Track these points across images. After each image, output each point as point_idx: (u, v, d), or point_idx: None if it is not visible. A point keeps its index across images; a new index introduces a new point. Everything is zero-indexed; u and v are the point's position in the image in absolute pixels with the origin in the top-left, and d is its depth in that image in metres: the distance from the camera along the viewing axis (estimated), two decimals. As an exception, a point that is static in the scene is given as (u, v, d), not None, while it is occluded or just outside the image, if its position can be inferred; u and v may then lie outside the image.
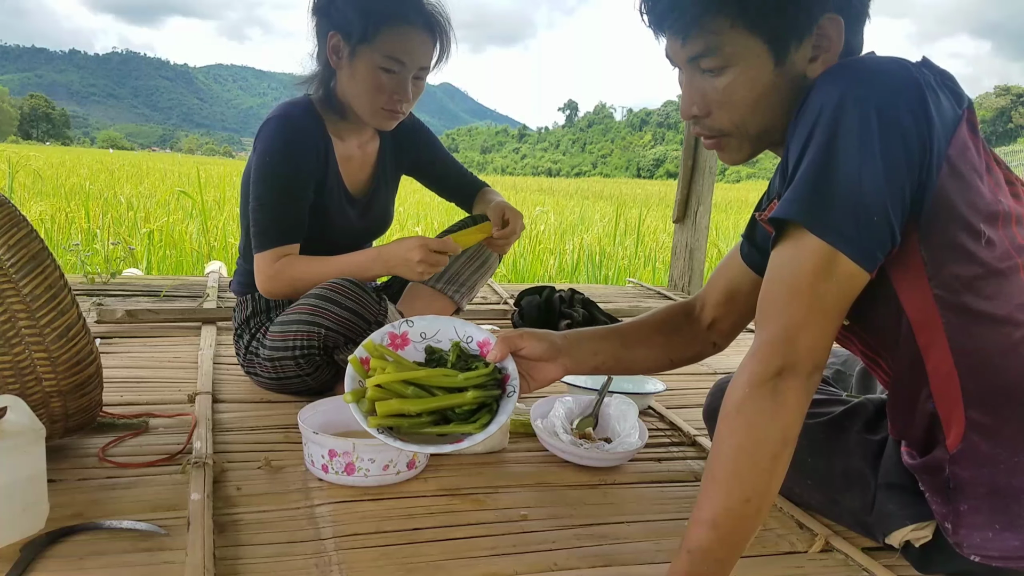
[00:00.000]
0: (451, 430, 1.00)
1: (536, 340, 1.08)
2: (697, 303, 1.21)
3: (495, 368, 1.05)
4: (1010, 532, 0.87)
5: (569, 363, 1.10)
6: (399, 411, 0.97)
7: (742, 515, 0.79)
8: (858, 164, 0.77)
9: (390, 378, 0.98)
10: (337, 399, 1.35)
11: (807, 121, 0.81)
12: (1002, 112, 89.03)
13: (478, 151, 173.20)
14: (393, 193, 1.82)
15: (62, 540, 0.97)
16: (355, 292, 1.44)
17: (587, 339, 1.13)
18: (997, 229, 0.84)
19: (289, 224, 1.55)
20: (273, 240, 1.54)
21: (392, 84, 1.52)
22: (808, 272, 0.78)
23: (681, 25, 0.89)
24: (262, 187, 1.53)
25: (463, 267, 1.81)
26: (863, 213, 0.77)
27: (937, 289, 0.83)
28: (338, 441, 1.16)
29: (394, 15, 1.48)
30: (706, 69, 0.90)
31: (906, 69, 0.81)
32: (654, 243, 7.19)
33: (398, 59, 1.50)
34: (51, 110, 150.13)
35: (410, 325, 1.11)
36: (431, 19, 1.52)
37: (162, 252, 4.96)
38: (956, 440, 0.87)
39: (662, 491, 1.27)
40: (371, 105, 1.54)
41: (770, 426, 0.79)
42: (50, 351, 1.10)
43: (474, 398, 1.00)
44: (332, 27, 1.50)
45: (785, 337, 0.79)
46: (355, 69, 1.51)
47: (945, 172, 0.80)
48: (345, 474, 1.17)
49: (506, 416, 1.00)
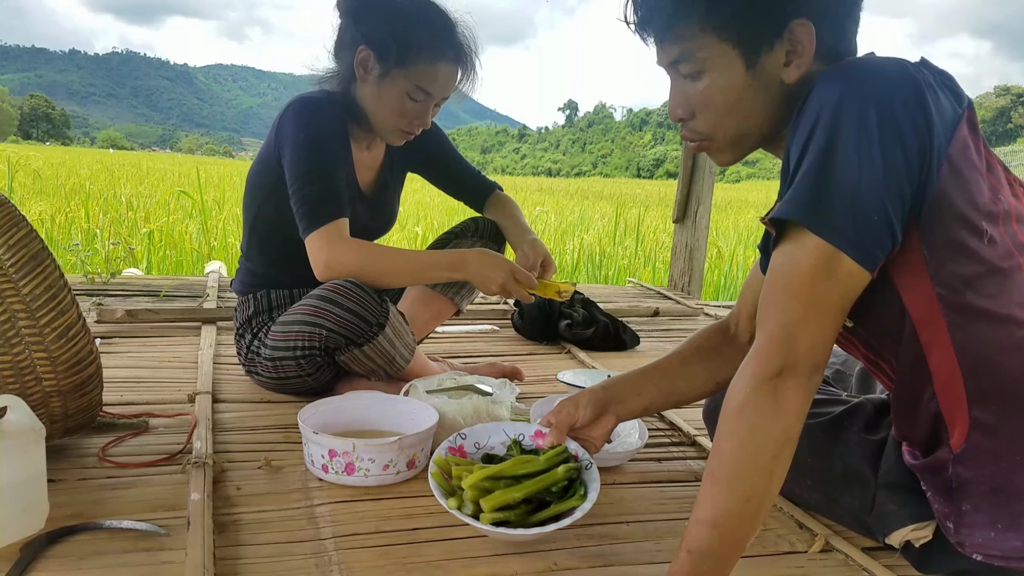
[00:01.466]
0: (558, 510, 1.02)
1: (583, 407, 1.11)
2: (731, 321, 1.21)
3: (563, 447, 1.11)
4: (1012, 532, 0.87)
5: (621, 411, 1.13)
6: (503, 502, 1.00)
7: (742, 515, 0.79)
8: (857, 164, 0.77)
9: (480, 476, 1.03)
10: (336, 399, 1.35)
11: (807, 122, 0.81)
12: (1002, 112, 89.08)
13: (478, 151, 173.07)
14: (398, 193, 1.82)
15: (62, 540, 0.97)
16: (356, 293, 1.43)
17: (628, 383, 1.15)
18: (999, 227, 0.84)
19: (339, 196, 1.49)
20: (329, 214, 1.46)
21: (415, 111, 1.52)
22: (807, 272, 0.79)
23: (657, 32, 0.92)
24: (305, 161, 1.47)
25: (463, 267, 1.81)
26: (863, 212, 0.77)
27: (939, 288, 0.83)
28: (338, 441, 1.16)
29: (431, 48, 1.47)
30: (685, 74, 0.92)
31: (905, 69, 0.81)
32: (654, 243, 7.19)
33: (426, 90, 1.50)
34: (51, 110, 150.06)
35: (463, 438, 1.16)
36: (461, 51, 1.51)
37: (162, 252, 4.96)
38: (960, 439, 0.87)
39: (662, 491, 1.27)
40: (389, 125, 1.54)
41: (771, 426, 0.79)
42: (50, 351, 1.10)
43: (565, 472, 1.05)
44: (364, 41, 1.48)
45: (785, 337, 0.79)
46: (382, 89, 1.50)
47: (945, 171, 0.80)
48: (345, 474, 1.17)
49: (598, 484, 1.05)
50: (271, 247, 1.67)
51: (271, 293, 1.68)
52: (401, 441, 1.17)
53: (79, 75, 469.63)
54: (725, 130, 0.93)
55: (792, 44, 0.87)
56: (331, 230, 1.46)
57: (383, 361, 1.50)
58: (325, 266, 1.46)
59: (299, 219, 1.48)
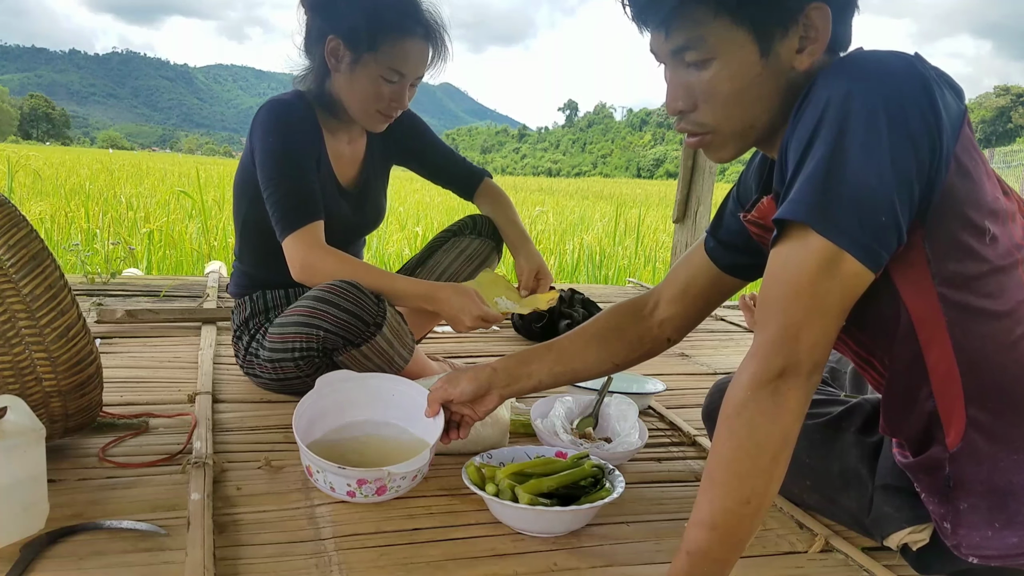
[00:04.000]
0: (594, 498, 1.10)
1: (463, 384, 1.17)
2: (649, 300, 1.20)
3: (586, 451, 1.22)
4: (1009, 530, 0.87)
5: (506, 392, 1.18)
6: (539, 489, 1.08)
7: (741, 516, 0.79)
8: (866, 164, 0.75)
9: (514, 468, 1.13)
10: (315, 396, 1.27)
11: (809, 119, 0.79)
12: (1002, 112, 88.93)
13: (478, 151, 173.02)
14: (384, 186, 1.82)
15: (62, 540, 0.97)
16: (354, 294, 1.43)
17: (517, 364, 1.19)
18: (999, 226, 0.83)
19: (312, 197, 1.51)
20: (302, 217, 1.49)
21: (391, 93, 1.53)
22: (811, 272, 0.77)
23: (663, 17, 0.87)
24: (273, 166, 1.50)
25: (463, 266, 1.81)
26: (871, 214, 0.75)
27: (940, 286, 0.83)
28: (370, 472, 1.09)
29: (396, 26, 1.48)
30: (690, 62, 0.88)
31: (911, 65, 0.79)
32: (654, 243, 7.19)
33: (399, 71, 1.51)
34: (51, 110, 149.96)
35: (490, 457, 1.22)
36: (429, 27, 1.52)
37: (162, 252, 4.96)
38: (956, 438, 0.87)
39: (662, 491, 1.27)
40: (367, 110, 1.55)
41: (771, 427, 0.78)
42: (50, 351, 1.10)
43: (590, 467, 1.15)
44: (332, 31, 1.50)
45: (786, 337, 0.78)
46: (355, 76, 1.51)
47: (953, 169, 0.79)
48: (376, 496, 1.12)
49: (623, 482, 1.15)
50: (261, 249, 1.67)
51: (267, 294, 1.68)
52: (431, 449, 1.15)
53: (79, 75, 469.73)
54: (730, 121, 0.89)
55: (806, 29, 0.84)
56: (305, 235, 1.49)
57: (382, 361, 1.50)
58: (301, 269, 1.50)
59: (275, 223, 1.51)
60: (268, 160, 1.50)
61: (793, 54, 0.85)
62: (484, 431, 1.34)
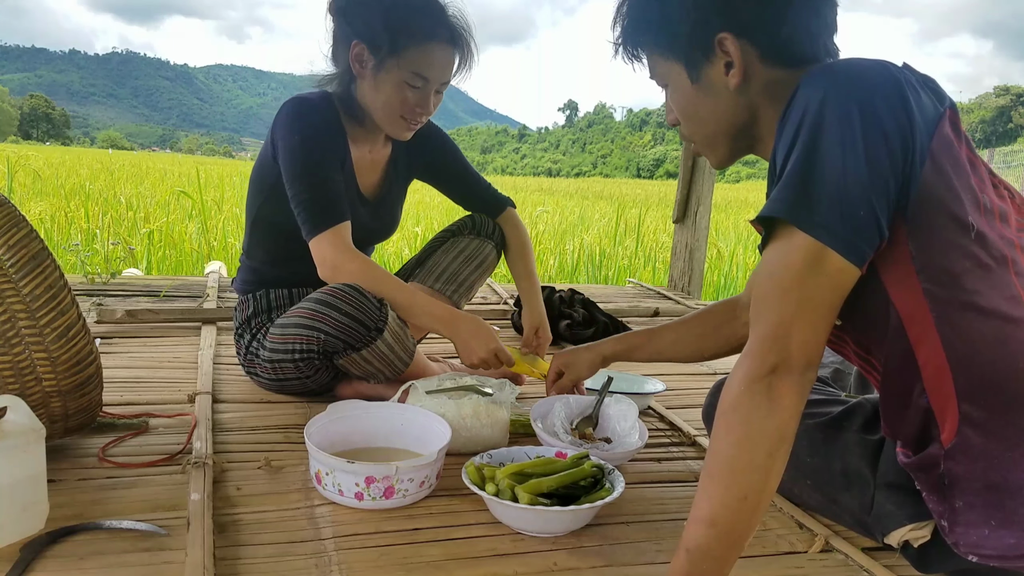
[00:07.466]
0: (587, 502, 1.09)
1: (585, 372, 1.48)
2: (742, 299, 1.30)
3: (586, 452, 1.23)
4: (1006, 529, 0.87)
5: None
6: (539, 489, 1.08)
7: (739, 513, 0.79)
8: (841, 160, 0.79)
9: (514, 468, 1.13)
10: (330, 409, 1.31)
11: (792, 123, 0.83)
12: (1002, 112, 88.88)
13: (478, 151, 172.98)
14: (402, 198, 1.81)
15: (62, 540, 0.97)
16: (355, 297, 1.43)
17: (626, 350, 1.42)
18: (984, 223, 0.84)
19: (340, 198, 1.50)
20: (331, 217, 1.47)
21: (416, 98, 1.52)
22: (797, 269, 0.79)
23: (630, 55, 1.05)
24: (299, 164, 1.48)
25: (461, 266, 1.80)
26: (848, 208, 0.78)
27: (926, 283, 0.84)
28: (379, 467, 1.09)
29: (421, 31, 1.47)
30: (660, 87, 1.04)
31: (886, 68, 0.83)
32: (654, 243, 7.19)
33: (423, 76, 1.49)
34: (51, 110, 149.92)
35: (490, 457, 1.21)
36: (455, 32, 1.51)
37: (162, 252, 4.96)
38: (950, 435, 0.88)
39: (662, 491, 1.27)
40: (392, 116, 1.54)
41: (766, 423, 0.79)
42: (50, 351, 1.10)
43: (590, 467, 1.16)
44: (356, 36, 1.48)
45: (777, 334, 0.79)
46: (379, 81, 1.50)
47: (928, 167, 0.82)
48: (384, 498, 1.12)
49: (623, 482, 1.15)
50: (272, 245, 1.67)
51: (270, 293, 1.68)
52: (439, 453, 1.16)
53: (79, 75, 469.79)
54: (696, 134, 1.03)
55: (724, 55, 0.94)
56: (334, 236, 1.47)
57: (382, 365, 1.50)
58: (330, 269, 1.48)
59: (301, 222, 1.49)
60: (293, 158, 1.48)
61: (723, 76, 0.95)
62: (484, 431, 1.35)
